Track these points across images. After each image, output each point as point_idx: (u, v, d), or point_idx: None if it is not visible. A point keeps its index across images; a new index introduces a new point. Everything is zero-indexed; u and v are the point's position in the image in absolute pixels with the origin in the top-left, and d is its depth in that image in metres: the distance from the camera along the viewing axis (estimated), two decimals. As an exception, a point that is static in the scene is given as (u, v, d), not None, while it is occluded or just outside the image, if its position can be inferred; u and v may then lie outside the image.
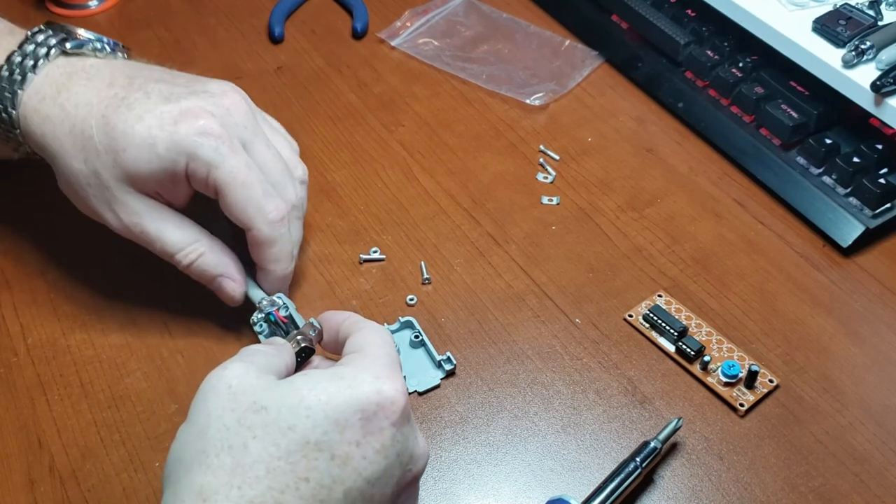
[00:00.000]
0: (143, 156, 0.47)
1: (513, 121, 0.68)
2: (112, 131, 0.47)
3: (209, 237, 0.50)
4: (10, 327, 0.53)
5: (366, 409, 0.37)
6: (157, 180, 0.48)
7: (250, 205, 0.48)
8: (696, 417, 0.49)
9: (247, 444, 0.36)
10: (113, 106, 0.48)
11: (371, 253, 0.58)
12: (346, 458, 0.36)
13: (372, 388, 0.38)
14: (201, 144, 0.47)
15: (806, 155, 0.62)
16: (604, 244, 0.59)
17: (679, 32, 0.69)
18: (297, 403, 0.37)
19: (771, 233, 0.60)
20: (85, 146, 0.48)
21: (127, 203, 0.48)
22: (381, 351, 0.40)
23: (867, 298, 0.56)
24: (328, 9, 0.79)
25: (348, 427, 0.37)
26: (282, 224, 0.49)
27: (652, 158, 0.65)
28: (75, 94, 0.49)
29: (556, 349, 0.53)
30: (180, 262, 0.50)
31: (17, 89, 0.49)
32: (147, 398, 0.50)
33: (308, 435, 0.36)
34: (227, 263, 0.51)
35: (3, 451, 0.48)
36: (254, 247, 0.50)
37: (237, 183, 0.47)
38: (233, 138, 0.48)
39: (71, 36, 0.51)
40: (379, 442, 0.37)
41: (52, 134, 0.49)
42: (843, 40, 0.61)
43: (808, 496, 0.46)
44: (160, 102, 0.48)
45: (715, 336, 0.53)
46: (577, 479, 0.47)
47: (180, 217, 0.50)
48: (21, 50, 0.50)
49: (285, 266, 0.51)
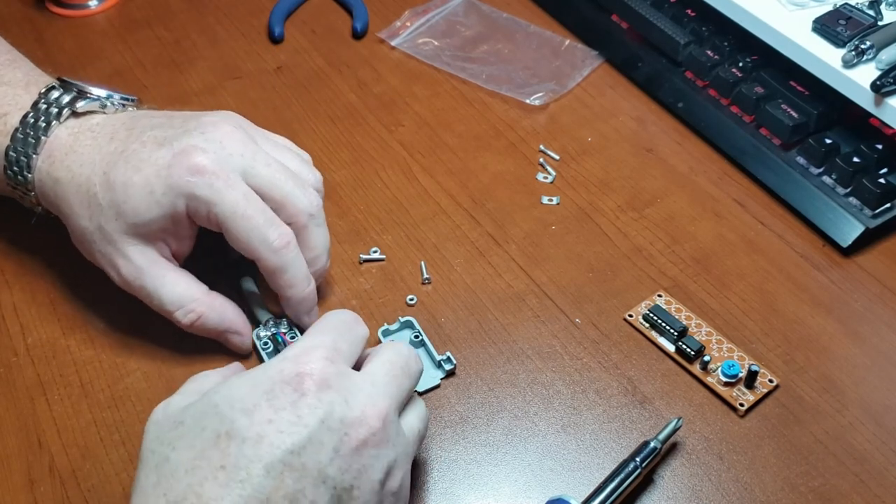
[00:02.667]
0: (143, 204, 0.48)
1: (513, 121, 0.68)
2: (113, 186, 0.48)
3: (208, 294, 0.51)
4: (10, 327, 0.53)
5: (272, 390, 0.38)
6: (160, 226, 0.49)
7: (253, 236, 0.48)
8: (696, 417, 0.49)
9: (168, 457, 0.38)
10: (112, 162, 0.49)
11: (371, 253, 0.58)
12: (259, 437, 0.37)
13: (277, 370, 0.39)
14: (196, 184, 0.47)
15: (806, 155, 0.62)
16: (604, 244, 0.59)
17: (679, 32, 0.69)
18: (207, 407, 0.38)
19: (771, 233, 0.60)
20: (90, 204, 0.49)
21: (129, 256, 0.49)
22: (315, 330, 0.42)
23: (867, 298, 0.56)
24: (328, 9, 0.79)
25: (256, 409, 0.38)
26: (288, 250, 0.49)
27: (652, 158, 0.65)
28: (80, 154, 0.50)
29: (556, 349, 0.53)
30: (180, 321, 0.50)
31: (31, 153, 0.50)
32: (147, 398, 0.50)
33: (218, 429, 0.37)
34: (229, 319, 0.51)
35: (3, 451, 0.48)
36: (266, 276, 0.50)
37: (237, 216, 0.48)
38: (228, 172, 0.48)
39: (82, 95, 0.52)
40: (293, 414, 0.38)
41: (62, 195, 0.50)
42: (843, 40, 0.61)
43: (808, 496, 0.46)
44: (155, 149, 0.48)
45: (715, 336, 0.53)
46: (577, 479, 0.47)
47: (181, 274, 0.50)
48: (35, 110, 0.51)
49: (302, 289, 0.50)
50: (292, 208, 0.50)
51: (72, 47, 0.74)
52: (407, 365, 0.43)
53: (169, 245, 0.50)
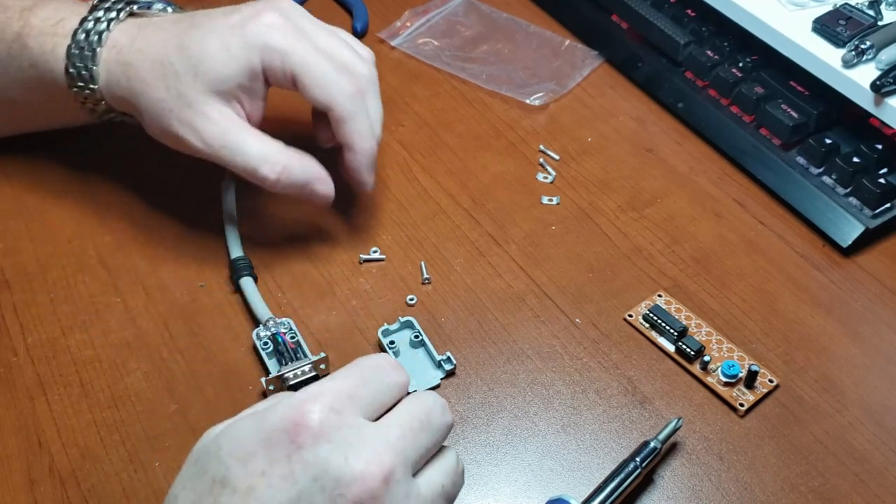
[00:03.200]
0: (220, 60, 0.50)
1: (513, 121, 0.68)
2: (188, 51, 0.51)
3: (290, 147, 0.53)
4: (10, 327, 0.53)
5: (270, 438, 0.35)
6: (237, 82, 0.51)
7: (328, 81, 0.51)
8: (696, 417, 0.49)
9: (177, 496, 0.37)
10: (184, 32, 0.52)
11: (371, 253, 0.58)
12: (249, 489, 0.35)
13: (278, 416, 0.36)
14: (271, 35, 0.51)
15: (806, 155, 0.62)
16: (604, 244, 0.59)
17: (679, 32, 0.69)
18: (212, 447, 0.36)
19: (771, 233, 0.60)
20: (165, 74, 0.51)
21: (210, 116, 0.51)
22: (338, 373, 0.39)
23: (867, 298, 0.56)
24: (328, 9, 0.79)
25: (252, 458, 0.35)
26: (359, 97, 0.52)
27: (652, 158, 0.65)
28: (148, 38, 0.52)
29: (556, 349, 0.53)
30: (267, 177, 0.51)
31: (95, 47, 0.52)
32: (147, 398, 0.50)
33: (215, 474, 0.36)
34: (314, 168, 0.53)
35: (3, 451, 0.48)
36: (336, 125, 0.52)
37: (310, 64, 0.51)
38: (297, 28, 0.52)
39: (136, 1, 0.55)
40: (286, 468, 0.35)
41: (134, 75, 0.52)
42: (843, 40, 0.61)
43: (808, 496, 0.46)
44: (223, 17, 0.52)
45: (715, 336, 0.53)
46: (577, 479, 0.47)
47: (259, 133, 0.52)
48: (93, 14, 0.53)
49: (369, 140, 0.53)
50: (355, 71, 0.52)
51: (72, 47, 0.74)
52: (429, 418, 0.39)
53: (244, 106, 0.52)
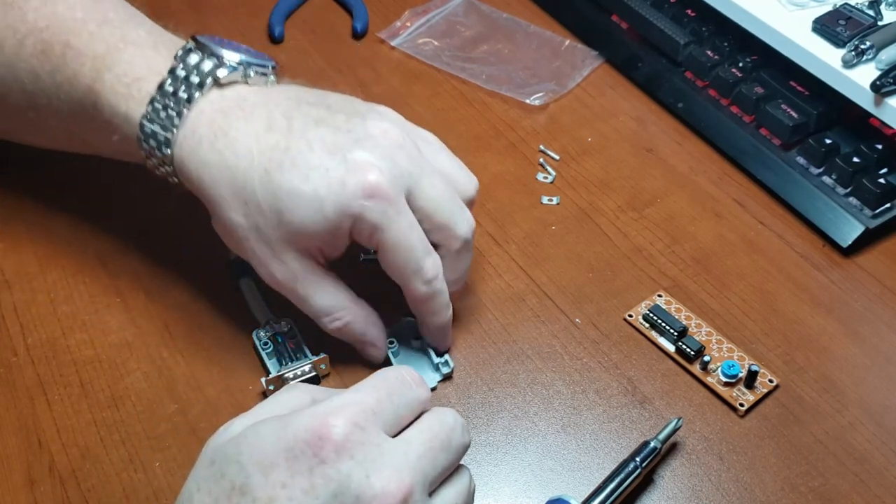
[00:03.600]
0: (310, 217, 0.45)
1: (513, 121, 0.68)
2: (277, 191, 0.45)
3: (356, 304, 0.50)
4: (10, 327, 0.53)
5: (292, 448, 0.35)
6: (321, 239, 0.47)
7: (410, 265, 0.47)
8: (696, 417, 0.49)
9: (192, 497, 0.36)
10: (276, 161, 0.46)
11: (371, 253, 0.58)
12: (269, 500, 0.35)
13: (302, 426, 0.36)
14: (370, 209, 0.45)
15: (806, 155, 0.62)
16: (604, 244, 0.59)
17: (679, 32, 0.69)
18: (232, 450, 0.36)
19: (771, 233, 0.60)
20: (247, 201, 0.46)
21: (286, 262, 0.47)
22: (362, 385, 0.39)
23: (867, 298, 0.56)
24: (328, 9, 0.79)
25: (274, 468, 0.35)
26: (438, 281, 0.48)
27: (652, 158, 0.65)
28: (234, 139, 0.47)
29: (556, 349, 0.53)
30: (326, 327, 0.50)
31: (171, 126, 0.47)
32: (147, 398, 0.50)
33: (234, 480, 0.35)
34: (371, 334, 0.50)
35: (3, 451, 0.48)
36: (411, 301, 0.50)
37: (400, 246, 0.47)
38: (399, 195, 0.46)
39: (221, 60, 0.48)
40: (307, 482, 0.35)
41: (210, 182, 0.47)
42: (843, 40, 0.61)
43: (808, 496, 0.46)
44: (325, 156, 0.46)
45: (715, 336, 0.53)
46: (577, 479, 0.47)
47: (334, 282, 0.49)
48: (173, 77, 0.48)
49: (444, 316, 0.50)
50: (451, 233, 0.49)
51: (72, 47, 0.74)
52: (449, 438, 0.39)
53: (323, 252, 0.48)
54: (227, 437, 0.38)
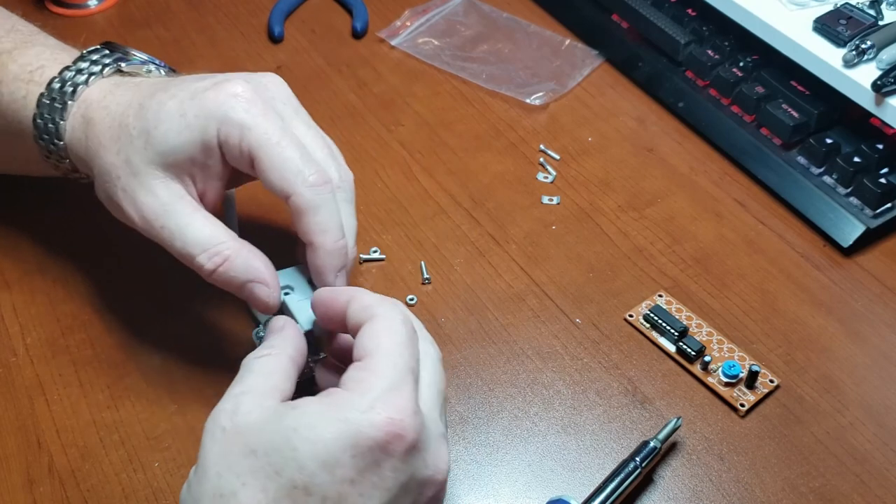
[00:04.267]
0: (174, 128, 0.44)
1: (513, 120, 0.68)
2: (146, 112, 0.45)
3: (237, 239, 0.46)
4: (10, 327, 0.53)
5: (358, 444, 0.35)
6: (189, 154, 0.45)
7: (288, 167, 0.44)
8: (697, 417, 0.49)
9: (236, 493, 0.35)
10: (150, 94, 0.46)
11: (371, 253, 0.58)
12: (340, 497, 0.35)
13: (366, 421, 0.35)
14: (232, 106, 0.44)
15: (806, 155, 0.62)
16: (604, 244, 0.59)
17: (679, 32, 0.69)
18: (283, 445, 0.35)
19: (771, 233, 0.60)
20: (120, 136, 0.46)
21: (154, 190, 0.45)
22: (388, 361, 0.38)
23: (868, 298, 0.56)
24: (328, 8, 0.79)
25: (339, 466, 0.35)
26: (324, 188, 0.45)
27: (652, 158, 0.65)
28: (118, 95, 0.48)
29: (557, 349, 0.53)
30: (203, 266, 0.45)
31: (67, 100, 0.48)
32: (147, 398, 0.50)
33: (295, 479, 0.35)
34: (258, 267, 0.45)
35: (3, 451, 0.48)
36: (297, 217, 0.45)
37: (272, 143, 0.44)
38: (267, 105, 0.45)
39: (128, 55, 0.51)
40: (377, 476, 0.35)
41: (93, 134, 0.47)
42: (844, 40, 0.61)
43: (809, 496, 0.46)
44: (194, 82, 0.46)
45: (715, 336, 0.53)
46: (577, 479, 0.47)
47: (207, 216, 0.46)
48: (76, 65, 0.49)
49: (335, 238, 0.45)
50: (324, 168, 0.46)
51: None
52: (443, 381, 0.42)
53: (197, 183, 0.46)
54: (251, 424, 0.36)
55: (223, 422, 0.37)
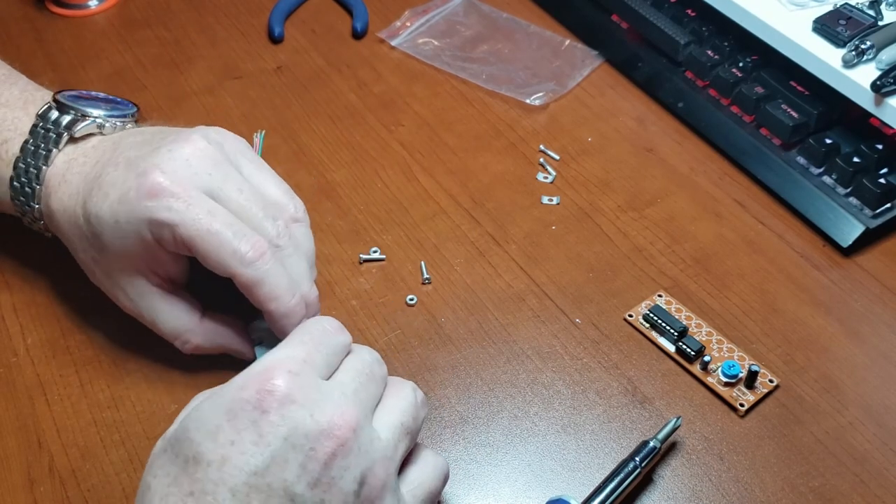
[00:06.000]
0: (113, 236, 0.46)
1: (513, 121, 0.68)
2: (90, 217, 0.47)
3: (201, 323, 0.50)
4: (10, 327, 0.53)
5: (232, 409, 0.37)
6: (136, 255, 0.47)
7: (223, 251, 0.45)
8: (696, 417, 0.49)
9: (149, 485, 0.37)
10: (89, 190, 0.48)
11: (371, 253, 0.58)
12: (223, 459, 0.36)
13: (234, 386, 0.38)
14: (153, 208, 0.45)
15: (806, 155, 0.62)
16: (604, 244, 0.59)
17: (679, 32, 0.69)
18: (180, 430, 0.38)
19: (771, 233, 0.60)
20: (81, 237, 0.49)
21: (125, 290, 0.49)
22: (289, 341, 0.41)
23: (867, 298, 0.56)
24: (328, 8, 0.79)
25: (220, 431, 0.37)
26: (262, 261, 0.46)
27: (652, 158, 0.65)
28: (69, 184, 0.49)
29: (556, 349, 0.53)
30: (180, 349, 0.50)
31: (34, 184, 0.50)
32: (147, 398, 0.50)
33: (187, 454, 0.37)
34: (225, 344, 0.50)
35: (3, 451, 0.48)
36: (245, 292, 0.47)
37: (202, 233, 0.45)
38: (189, 190, 0.45)
39: (81, 117, 0.51)
40: (255, 433, 0.37)
41: (59, 228, 0.50)
42: (844, 40, 0.61)
43: (808, 496, 0.46)
44: (123, 171, 0.47)
45: (715, 336, 0.53)
46: (577, 479, 0.47)
47: (174, 304, 0.49)
48: (34, 136, 0.50)
49: (286, 301, 0.47)
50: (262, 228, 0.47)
51: (72, 47, 0.74)
52: (372, 371, 0.42)
53: (157, 273, 0.48)
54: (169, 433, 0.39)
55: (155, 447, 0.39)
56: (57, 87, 0.55)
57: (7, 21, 0.77)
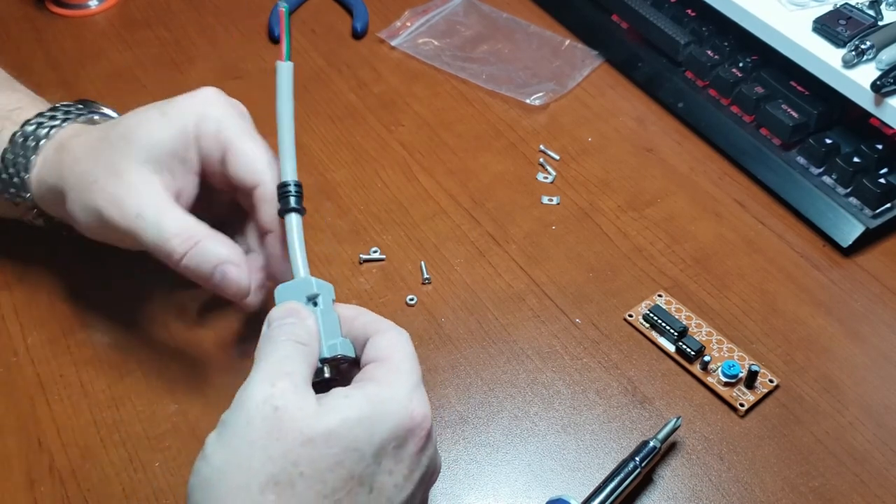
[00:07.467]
0: (156, 125, 0.48)
1: (513, 121, 0.68)
2: (126, 121, 0.49)
3: (210, 229, 0.47)
4: (10, 327, 0.53)
5: (398, 436, 0.37)
6: (169, 147, 0.47)
7: (258, 160, 0.48)
8: (697, 417, 0.49)
9: (293, 482, 0.35)
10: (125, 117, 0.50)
11: (371, 253, 0.58)
12: (382, 488, 0.37)
13: (405, 413, 0.38)
14: (210, 103, 0.49)
15: (806, 155, 0.62)
16: (604, 244, 0.59)
17: (679, 32, 0.69)
18: (344, 435, 0.36)
19: (771, 233, 0.60)
20: (100, 147, 0.48)
21: (133, 185, 0.46)
22: (408, 364, 0.40)
23: (867, 298, 0.56)
24: (328, 9, 0.79)
25: (385, 456, 0.37)
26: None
27: (652, 158, 0.65)
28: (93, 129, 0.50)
29: (556, 349, 0.53)
30: (175, 250, 0.46)
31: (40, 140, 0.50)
32: (147, 398, 0.50)
33: (353, 470, 0.36)
34: (231, 249, 0.47)
35: (3, 451, 0.48)
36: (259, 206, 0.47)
37: (244, 139, 0.48)
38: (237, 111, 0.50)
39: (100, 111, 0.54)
40: (407, 468, 0.38)
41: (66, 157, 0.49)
42: (844, 40, 0.61)
43: (808, 496, 0.46)
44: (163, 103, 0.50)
45: (715, 336, 0.53)
46: (577, 479, 0.47)
47: (183, 211, 0.47)
48: (50, 112, 0.51)
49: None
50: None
51: (72, 47, 0.74)
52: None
53: (174, 178, 0.48)
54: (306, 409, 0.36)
55: (277, 400, 0.36)
56: (57, 87, 0.55)
57: (7, 21, 0.77)
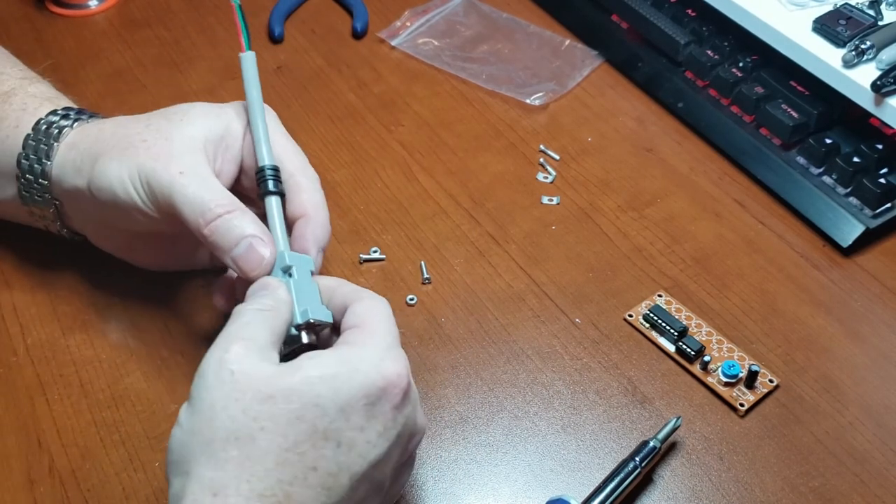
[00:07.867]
0: (203, 113, 0.49)
1: (513, 121, 0.68)
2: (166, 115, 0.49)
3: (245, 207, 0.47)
4: (10, 327, 0.53)
5: (370, 394, 0.37)
6: (218, 135, 0.49)
7: (293, 152, 0.50)
8: (696, 417, 0.49)
9: (254, 437, 0.36)
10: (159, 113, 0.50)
11: (371, 253, 0.58)
12: (352, 443, 0.37)
13: (376, 372, 0.38)
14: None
15: (806, 155, 0.62)
16: (604, 244, 0.59)
17: (679, 32, 0.69)
18: (307, 391, 0.36)
19: (771, 233, 0.60)
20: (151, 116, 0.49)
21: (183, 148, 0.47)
22: (384, 327, 0.41)
23: (867, 298, 0.56)
24: (328, 9, 0.79)
25: (353, 412, 0.37)
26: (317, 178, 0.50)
27: (652, 158, 0.65)
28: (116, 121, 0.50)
29: (556, 349, 0.53)
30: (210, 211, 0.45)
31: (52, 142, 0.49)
32: (147, 398, 0.50)
33: (316, 424, 0.36)
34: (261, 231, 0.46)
35: (3, 451, 0.48)
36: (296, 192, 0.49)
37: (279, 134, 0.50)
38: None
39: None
40: (381, 425, 0.38)
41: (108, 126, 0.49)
42: (844, 40, 0.61)
43: (808, 496, 0.46)
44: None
45: (715, 336, 0.53)
46: (577, 479, 0.47)
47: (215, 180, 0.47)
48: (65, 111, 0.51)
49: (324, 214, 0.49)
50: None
51: (72, 47, 0.74)
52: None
53: (217, 161, 0.48)
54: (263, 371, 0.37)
55: (232, 364, 0.37)
56: (57, 87, 0.55)
57: (7, 21, 0.77)
